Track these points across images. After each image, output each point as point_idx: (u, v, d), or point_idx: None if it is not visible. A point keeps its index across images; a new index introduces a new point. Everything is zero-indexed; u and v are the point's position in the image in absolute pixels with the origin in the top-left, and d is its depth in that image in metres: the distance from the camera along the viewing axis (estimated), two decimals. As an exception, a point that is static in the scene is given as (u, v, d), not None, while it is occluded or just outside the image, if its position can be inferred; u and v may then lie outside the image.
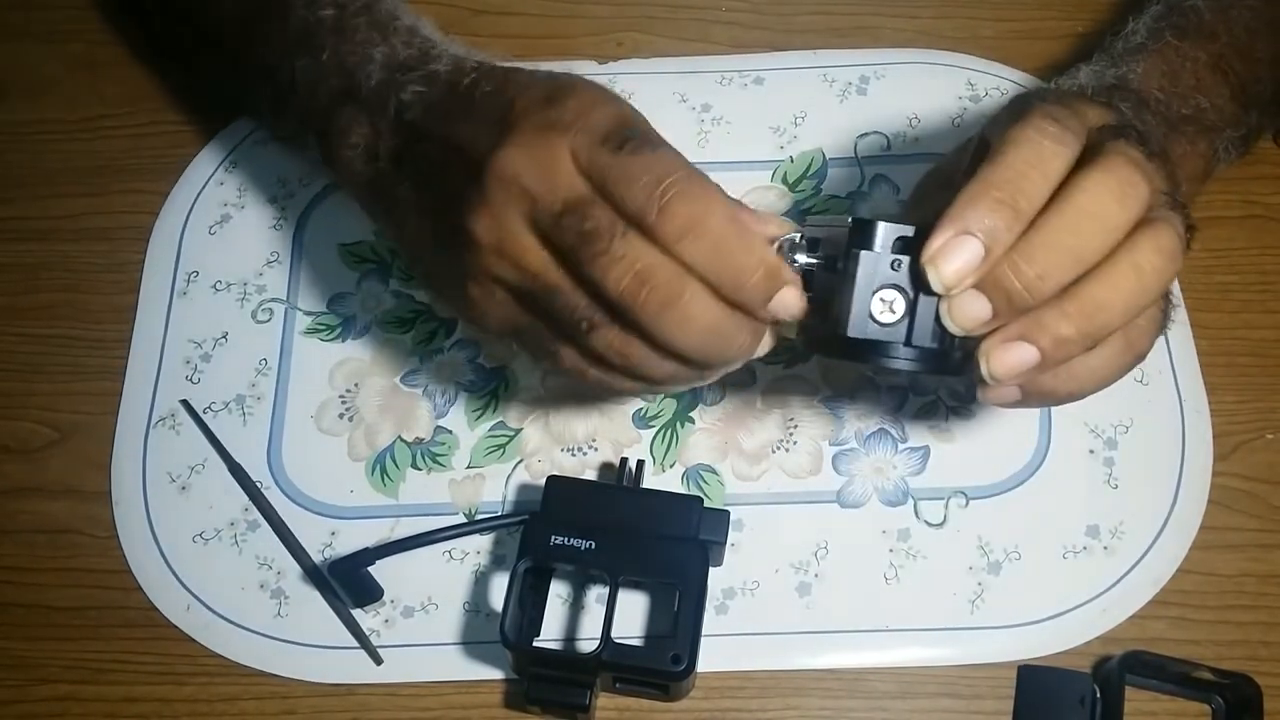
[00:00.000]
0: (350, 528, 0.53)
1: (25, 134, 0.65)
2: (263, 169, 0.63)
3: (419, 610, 0.52)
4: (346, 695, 0.50)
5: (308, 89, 0.52)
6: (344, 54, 0.51)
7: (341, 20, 0.51)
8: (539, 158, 0.40)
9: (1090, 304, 0.39)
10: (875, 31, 0.66)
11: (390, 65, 0.49)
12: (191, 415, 0.56)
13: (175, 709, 0.50)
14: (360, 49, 0.50)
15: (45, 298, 0.60)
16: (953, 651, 0.50)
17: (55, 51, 0.67)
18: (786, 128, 0.62)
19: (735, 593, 0.52)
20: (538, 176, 0.40)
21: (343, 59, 0.51)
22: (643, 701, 0.50)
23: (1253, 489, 0.54)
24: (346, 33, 0.51)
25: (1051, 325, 0.39)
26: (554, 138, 0.40)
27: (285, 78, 0.53)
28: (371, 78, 0.49)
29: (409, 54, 0.50)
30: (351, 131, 0.49)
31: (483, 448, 0.55)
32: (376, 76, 0.49)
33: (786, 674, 0.50)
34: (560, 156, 0.40)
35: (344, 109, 0.50)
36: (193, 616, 0.52)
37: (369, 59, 0.50)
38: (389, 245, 0.60)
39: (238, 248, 0.60)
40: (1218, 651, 0.50)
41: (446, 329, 0.58)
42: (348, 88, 0.50)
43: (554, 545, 0.48)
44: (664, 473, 0.54)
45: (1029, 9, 0.67)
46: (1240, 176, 0.58)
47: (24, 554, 0.54)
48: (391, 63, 0.50)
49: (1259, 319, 0.57)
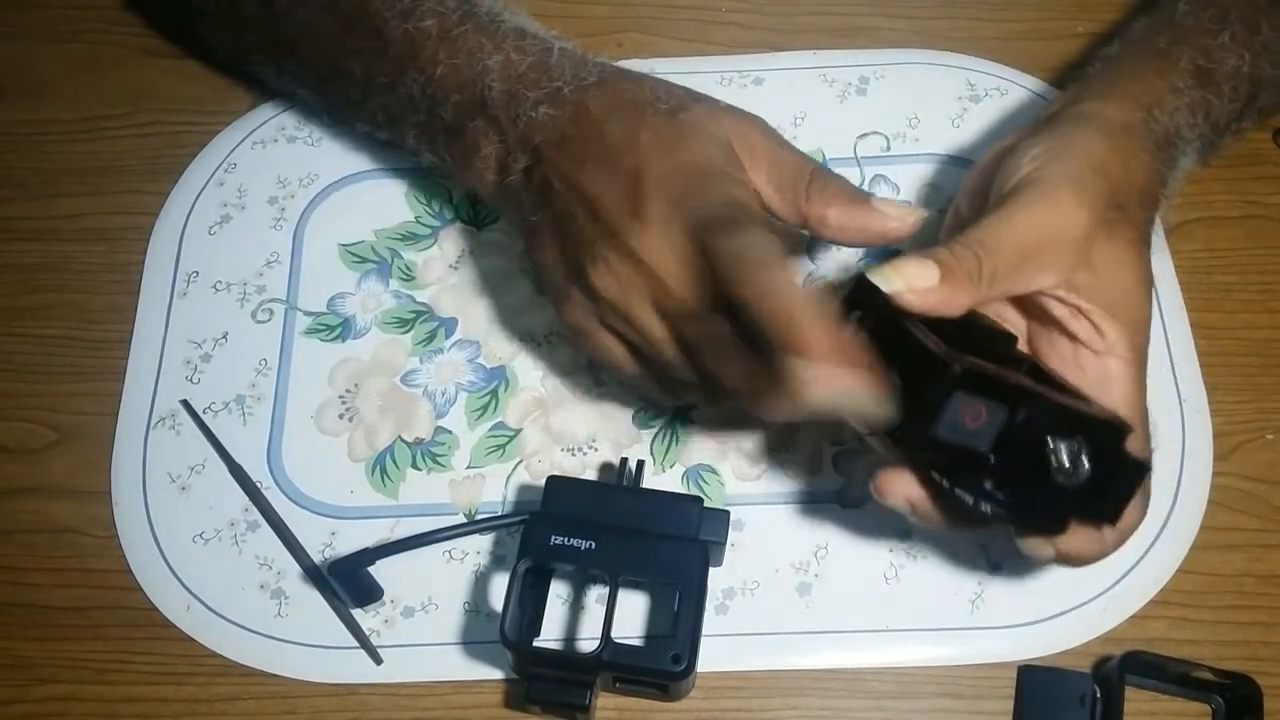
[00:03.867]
0: (350, 528, 0.53)
1: (25, 134, 0.65)
2: (263, 169, 0.63)
3: (419, 610, 0.52)
4: (346, 695, 0.50)
5: (427, 105, 0.53)
6: (460, 65, 0.51)
7: (446, 29, 0.52)
8: (670, 248, 0.44)
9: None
10: (875, 32, 0.66)
11: (509, 76, 0.50)
12: (191, 415, 0.56)
13: (175, 709, 0.50)
14: (473, 59, 0.51)
15: (45, 298, 0.60)
16: (953, 651, 0.50)
17: (55, 51, 0.67)
18: (786, 128, 0.62)
19: (735, 593, 0.52)
20: (667, 270, 0.44)
21: (458, 72, 0.51)
22: (643, 701, 0.50)
23: (1253, 489, 0.54)
24: (454, 42, 0.52)
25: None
26: (677, 231, 0.44)
27: (402, 93, 0.53)
28: (493, 89, 0.50)
29: (526, 62, 0.50)
30: (481, 145, 0.51)
31: (483, 448, 0.55)
32: (498, 88, 0.50)
33: (786, 674, 0.50)
34: (686, 252, 0.44)
35: (473, 123, 0.51)
36: (193, 616, 0.52)
37: (485, 70, 0.51)
38: (388, 246, 0.60)
39: (238, 248, 0.60)
40: (1218, 651, 0.50)
41: (446, 329, 0.58)
42: (473, 101, 0.51)
43: (554, 545, 0.48)
44: (664, 473, 0.54)
45: (1029, 9, 0.67)
46: (1240, 177, 0.59)
47: (24, 554, 0.54)
48: (510, 73, 0.50)
49: (1259, 319, 0.57)
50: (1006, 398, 0.40)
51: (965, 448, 0.40)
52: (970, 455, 0.40)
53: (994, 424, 0.40)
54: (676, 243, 0.44)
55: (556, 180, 0.48)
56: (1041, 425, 0.40)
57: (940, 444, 0.40)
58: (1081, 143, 0.46)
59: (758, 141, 0.49)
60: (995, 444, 0.40)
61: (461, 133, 0.52)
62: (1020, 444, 0.40)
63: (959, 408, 0.39)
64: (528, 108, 0.50)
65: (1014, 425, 0.40)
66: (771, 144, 0.49)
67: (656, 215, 0.45)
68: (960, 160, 0.61)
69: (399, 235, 0.61)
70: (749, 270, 0.42)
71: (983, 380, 0.39)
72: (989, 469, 0.40)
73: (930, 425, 0.40)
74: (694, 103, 0.49)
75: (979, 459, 0.40)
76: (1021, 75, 0.64)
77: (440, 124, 0.53)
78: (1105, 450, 0.40)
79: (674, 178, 0.45)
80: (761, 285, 0.41)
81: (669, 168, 0.46)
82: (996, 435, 0.40)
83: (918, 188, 0.61)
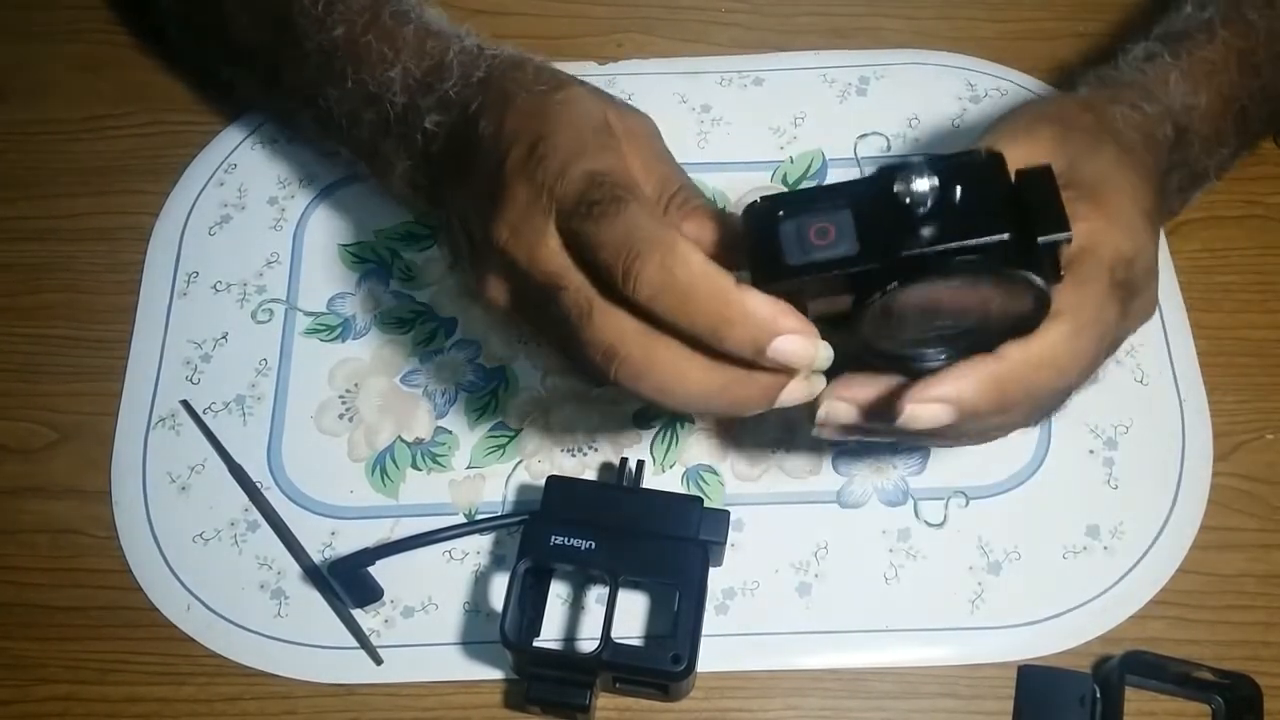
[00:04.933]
0: (350, 528, 0.53)
1: (25, 134, 0.65)
2: (263, 169, 0.63)
3: (419, 610, 0.52)
4: (346, 695, 0.50)
5: (349, 120, 0.52)
6: (365, 80, 0.51)
7: (353, 38, 0.51)
8: (523, 239, 0.41)
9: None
10: (875, 32, 0.66)
11: (408, 87, 0.50)
12: (191, 415, 0.56)
13: (175, 709, 0.50)
14: (378, 70, 0.50)
15: (45, 298, 0.60)
16: (953, 651, 0.50)
17: (55, 51, 0.67)
18: (786, 128, 0.62)
19: (735, 593, 0.52)
20: (524, 257, 0.41)
21: (365, 86, 0.51)
22: (643, 701, 0.50)
23: (1253, 489, 0.54)
24: (360, 53, 0.51)
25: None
26: (535, 215, 0.41)
27: (323, 107, 0.53)
28: (395, 103, 0.50)
29: (424, 66, 0.50)
30: (394, 164, 0.51)
31: (483, 448, 0.55)
32: (399, 101, 0.50)
33: (786, 674, 0.50)
34: (540, 236, 0.41)
35: (385, 141, 0.51)
36: (193, 616, 0.52)
37: (389, 83, 0.50)
38: (388, 245, 0.60)
39: (238, 248, 0.60)
40: (1218, 651, 0.50)
41: (446, 329, 0.58)
42: (380, 119, 0.51)
43: (554, 545, 0.48)
44: (664, 473, 0.54)
45: (1029, 9, 0.67)
46: (1240, 176, 0.58)
47: (24, 554, 0.54)
48: (409, 83, 0.50)
49: (1259, 319, 0.57)
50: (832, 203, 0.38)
51: (830, 260, 0.37)
52: (841, 264, 0.37)
53: (845, 225, 0.37)
54: (533, 239, 0.41)
55: (449, 193, 0.48)
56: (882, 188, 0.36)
57: (802, 270, 0.37)
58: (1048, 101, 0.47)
59: (639, 130, 0.46)
60: (858, 238, 0.37)
61: (377, 152, 0.52)
62: (878, 220, 0.37)
63: (796, 232, 0.37)
64: (422, 117, 0.49)
65: (862, 212, 0.37)
66: (653, 142, 0.46)
67: (516, 205, 0.42)
68: (960, 160, 0.61)
69: (399, 235, 0.61)
70: (632, 270, 0.39)
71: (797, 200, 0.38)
72: (872, 272, 0.37)
73: (780, 257, 0.37)
74: (576, 85, 0.46)
75: (849, 262, 0.37)
76: (1021, 76, 0.64)
77: (358, 143, 0.53)
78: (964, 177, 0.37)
79: (532, 155, 0.42)
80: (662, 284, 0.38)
81: (527, 147, 0.43)
82: (855, 231, 0.37)
83: (918, 188, 0.61)
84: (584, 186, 0.40)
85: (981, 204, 0.37)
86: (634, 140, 0.45)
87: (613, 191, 0.40)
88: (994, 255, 0.37)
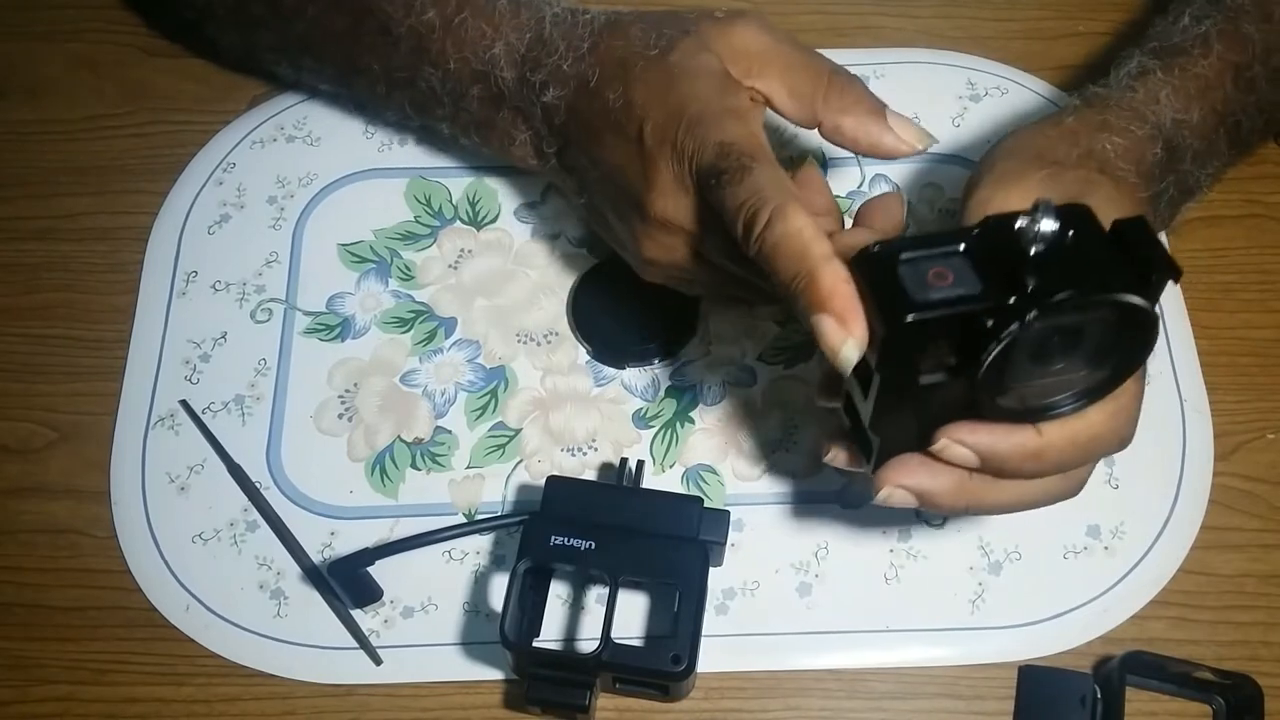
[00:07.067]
0: (350, 528, 0.53)
1: (25, 134, 0.65)
2: (262, 168, 0.63)
3: (419, 610, 0.52)
4: (346, 695, 0.50)
5: (451, 99, 0.54)
6: (468, 58, 0.53)
7: (447, 19, 0.53)
8: (686, 209, 0.46)
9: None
10: (876, 31, 0.66)
11: (514, 61, 0.52)
12: (191, 415, 0.56)
13: (175, 709, 0.50)
14: (479, 49, 0.52)
15: (45, 298, 0.60)
16: (953, 651, 0.50)
17: (55, 51, 0.67)
18: (787, 127, 0.62)
19: (735, 593, 0.52)
20: (691, 229, 0.47)
21: (469, 64, 0.53)
22: (643, 701, 0.50)
23: (1253, 489, 0.54)
24: (457, 33, 0.53)
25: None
26: (680, 193, 0.46)
27: (423, 88, 0.55)
28: (506, 80, 0.52)
29: (526, 40, 0.52)
30: (515, 135, 0.54)
31: (482, 448, 0.55)
32: (509, 74, 0.52)
33: (786, 674, 0.50)
34: (698, 211, 0.46)
35: (500, 114, 0.53)
36: (192, 617, 0.52)
37: (493, 60, 0.52)
38: (388, 245, 0.60)
39: (237, 248, 0.60)
40: (1218, 651, 0.50)
41: (446, 329, 0.58)
42: (492, 95, 0.53)
43: (554, 545, 0.48)
44: (664, 473, 0.54)
45: (1029, 9, 0.67)
46: (1240, 176, 0.58)
47: (24, 554, 0.54)
48: (514, 57, 0.52)
49: (1259, 319, 0.57)
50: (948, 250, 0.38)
51: (956, 299, 0.37)
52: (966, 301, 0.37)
53: (962, 269, 0.37)
54: (688, 204, 0.46)
55: (584, 159, 0.51)
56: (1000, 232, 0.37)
57: (927, 307, 0.37)
58: (1031, 130, 0.48)
59: (760, 48, 0.48)
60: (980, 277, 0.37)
61: (493, 125, 0.54)
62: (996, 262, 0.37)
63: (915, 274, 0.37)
64: (538, 93, 0.51)
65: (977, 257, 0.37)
66: (778, 46, 0.49)
67: (664, 180, 0.46)
68: (961, 159, 0.61)
69: (398, 235, 0.61)
70: (752, 228, 0.41)
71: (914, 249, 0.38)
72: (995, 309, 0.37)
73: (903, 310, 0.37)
74: (682, 36, 0.48)
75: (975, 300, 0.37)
76: (1022, 74, 0.64)
77: (469, 117, 0.55)
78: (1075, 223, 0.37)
79: (671, 132, 0.46)
80: (767, 241, 0.41)
81: (664, 122, 0.46)
82: (974, 273, 0.37)
83: (918, 186, 0.61)
84: (714, 158, 0.44)
85: (1094, 246, 0.38)
86: (759, 60, 0.48)
87: (739, 161, 0.43)
88: (1122, 292, 0.37)
